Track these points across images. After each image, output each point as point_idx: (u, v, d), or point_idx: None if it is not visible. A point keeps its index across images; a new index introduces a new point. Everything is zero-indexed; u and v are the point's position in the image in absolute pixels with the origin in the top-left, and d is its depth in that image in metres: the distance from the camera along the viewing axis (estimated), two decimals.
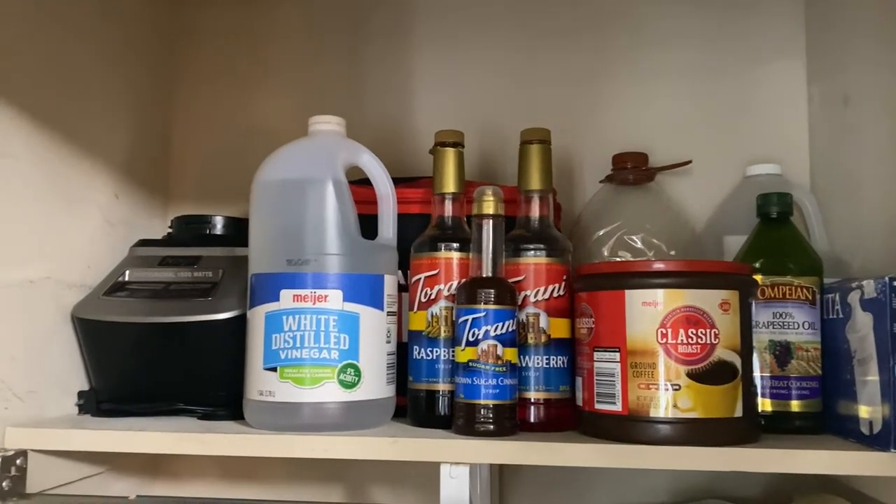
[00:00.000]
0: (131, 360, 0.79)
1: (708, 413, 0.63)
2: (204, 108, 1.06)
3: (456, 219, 0.77)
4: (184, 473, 1.00)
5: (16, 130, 0.73)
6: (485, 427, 0.67)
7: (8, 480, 0.68)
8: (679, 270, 0.65)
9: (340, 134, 0.76)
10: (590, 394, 0.68)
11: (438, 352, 0.73)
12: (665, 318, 0.64)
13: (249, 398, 0.71)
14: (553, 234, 0.75)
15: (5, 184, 0.71)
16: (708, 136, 0.95)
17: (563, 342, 0.73)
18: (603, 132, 0.97)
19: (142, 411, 0.78)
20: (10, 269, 0.72)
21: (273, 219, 0.72)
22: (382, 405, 0.72)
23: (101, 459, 0.82)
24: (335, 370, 0.69)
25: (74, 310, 0.79)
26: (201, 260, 0.83)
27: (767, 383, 0.72)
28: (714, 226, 0.88)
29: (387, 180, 0.77)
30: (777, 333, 0.72)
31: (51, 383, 0.78)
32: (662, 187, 0.89)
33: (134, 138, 0.96)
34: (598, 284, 0.68)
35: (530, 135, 0.76)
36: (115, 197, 0.90)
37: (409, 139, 1.01)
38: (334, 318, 0.69)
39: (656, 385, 0.64)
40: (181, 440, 0.68)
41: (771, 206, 0.76)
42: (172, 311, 0.77)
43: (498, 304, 0.68)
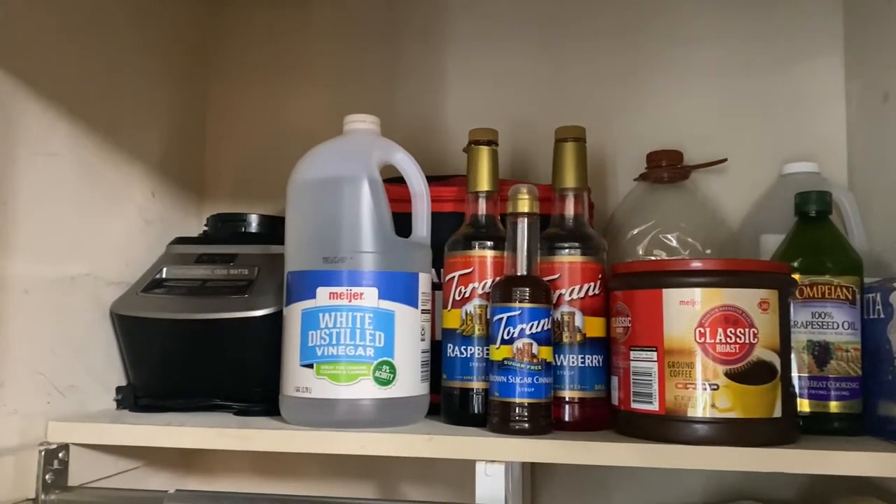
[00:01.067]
0: (168, 356, 0.80)
1: (747, 413, 0.63)
2: (238, 107, 1.07)
3: (490, 217, 0.77)
4: (217, 468, 1.01)
5: (58, 130, 0.74)
6: (520, 425, 0.67)
7: (51, 473, 0.69)
8: (717, 269, 0.65)
9: (375, 132, 0.77)
10: (626, 393, 0.68)
11: (472, 350, 0.73)
12: (703, 318, 0.63)
13: (286, 394, 0.71)
14: (588, 233, 0.75)
15: (49, 182, 0.73)
16: (743, 134, 0.94)
17: (598, 341, 0.72)
18: (636, 130, 0.97)
19: (178, 407, 0.79)
20: (52, 265, 0.73)
21: (309, 217, 0.73)
22: (417, 403, 0.73)
23: (137, 454, 0.84)
24: (371, 367, 0.69)
25: (113, 306, 0.81)
26: (237, 258, 0.83)
27: (806, 384, 0.71)
28: (750, 225, 0.87)
29: (421, 178, 0.77)
30: (816, 333, 0.71)
31: (90, 379, 0.79)
32: (697, 186, 0.89)
33: (169, 137, 0.97)
34: (635, 283, 0.68)
35: (565, 133, 0.76)
36: (151, 195, 0.92)
37: (441, 137, 1.01)
38: (370, 316, 0.70)
39: (694, 385, 0.63)
40: (221, 436, 0.68)
41: (810, 205, 0.75)
42: (209, 308, 0.78)
43: (533, 303, 0.68)
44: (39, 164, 0.71)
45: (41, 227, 0.72)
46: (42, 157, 0.72)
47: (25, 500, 0.68)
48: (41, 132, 0.72)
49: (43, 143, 0.72)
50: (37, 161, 0.71)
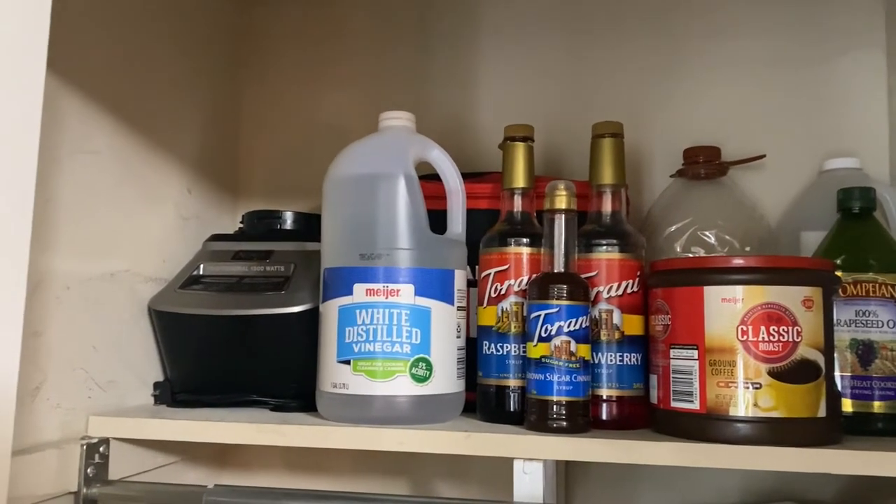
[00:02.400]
0: (206, 351, 0.80)
1: (790, 413, 0.62)
2: (271, 105, 1.08)
3: (525, 214, 0.76)
4: (250, 464, 1.02)
5: (99, 128, 0.75)
6: (558, 423, 0.67)
7: (92, 467, 0.70)
8: (760, 266, 0.64)
9: (410, 129, 0.77)
10: (665, 392, 0.67)
11: (508, 347, 0.73)
12: (745, 315, 0.63)
13: (323, 390, 0.72)
14: (626, 229, 0.74)
15: (90, 180, 0.73)
16: (782, 130, 0.93)
17: (636, 339, 0.72)
18: (673, 126, 0.95)
19: (215, 402, 0.79)
20: (92, 262, 0.74)
21: (346, 214, 0.73)
22: (453, 400, 0.73)
23: (174, 450, 0.84)
24: (407, 364, 0.69)
25: (151, 302, 0.81)
26: (273, 254, 0.84)
27: (848, 383, 0.70)
28: (790, 222, 0.86)
29: (456, 175, 0.77)
30: (860, 332, 0.70)
31: (129, 374, 0.80)
32: (735, 182, 0.87)
33: (205, 135, 0.98)
34: (675, 280, 0.67)
35: (602, 128, 0.75)
36: (187, 192, 0.92)
37: (474, 134, 1.01)
38: (406, 313, 0.70)
39: (736, 383, 0.62)
40: (260, 431, 0.69)
41: (853, 201, 0.74)
42: (246, 305, 0.78)
43: (571, 300, 0.68)
44: (80, 162, 0.72)
45: (82, 224, 0.72)
46: (83, 156, 0.73)
47: (67, 493, 0.69)
48: (82, 130, 0.72)
49: (84, 142, 0.73)
50: (78, 159, 0.72)
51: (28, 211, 0.46)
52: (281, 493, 0.67)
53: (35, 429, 0.66)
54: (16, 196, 0.46)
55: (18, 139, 0.46)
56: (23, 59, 0.46)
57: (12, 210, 0.45)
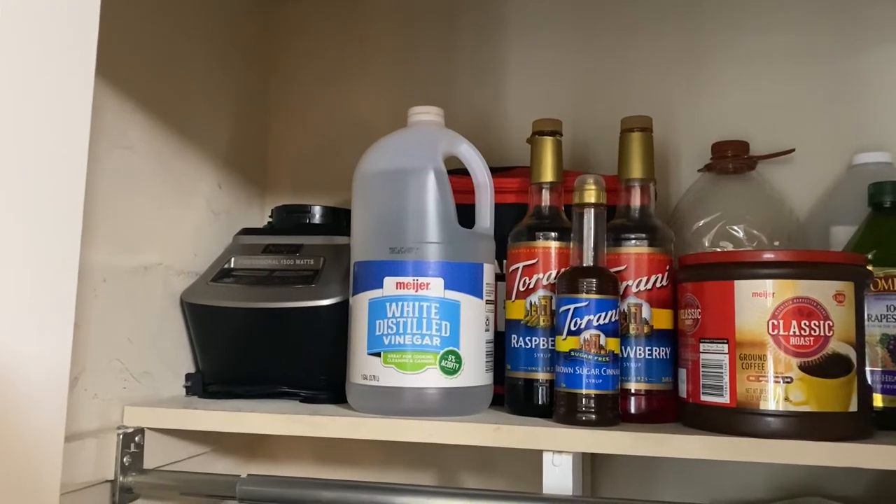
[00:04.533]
0: (237, 343, 0.82)
1: (822, 407, 0.62)
2: (298, 101, 1.08)
3: (553, 208, 0.76)
4: (279, 455, 1.03)
5: (134, 124, 0.76)
6: (587, 416, 0.67)
7: (128, 456, 0.71)
8: (791, 261, 0.64)
9: (439, 124, 0.77)
10: (695, 386, 0.67)
11: (537, 341, 0.73)
12: (776, 310, 0.63)
13: (353, 382, 0.72)
14: (655, 224, 0.74)
15: (125, 174, 0.75)
16: (812, 123, 0.92)
17: (665, 333, 0.72)
18: (700, 120, 0.95)
19: (246, 393, 0.80)
20: (127, 255, 0.75)
21: (375, 208, 0.74)
22: (481, 392, 0.73)
23: (206, 440, 0.86)
24: (437, 356, 0.70)
25: (184, 295, 0.83)
26: (302, 248, 0.85)
27: (879, 378, 0.70)
28: (819, 216, 0.85)
29: (485, 170, 0.77)
30: (891, 327, 0.69)
31: (162, 365, 0.81)
32: (764, 176, 0.87)
33: (235, 130, 0.99)
34: (705, 274, 0.67)
35: (631, 123, 0.76)
36: (218, 187, 0.94)
37: (501, 129, 1.01)
38: (436, 306, 0.70)
39: (766, 377, 0.62)
40: (291, 422, 0.70)
41: (884, 195, 0.73)
42: (277, 297, 0.79)
43: (600, 294, 0.68)
44: (115, 157, 0.74)
45: (117, 218, 0.74)
46: (118, 151, 0.74)
47: (105, 481, 0.70)
48: (118, 126, 0.74)
49: (119, 137, 0.74)
50: (113, 154, 0.73)
51: (79, 209, 0.48)
52: (312, 483, 0.68)
53: (74, 418, 0.67)
54: (68, 195, 0.47)
55: (70, 139, 0.47)
56: (75, 61, 0.48)
57: (66, 209, 0.47)
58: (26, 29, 0.44)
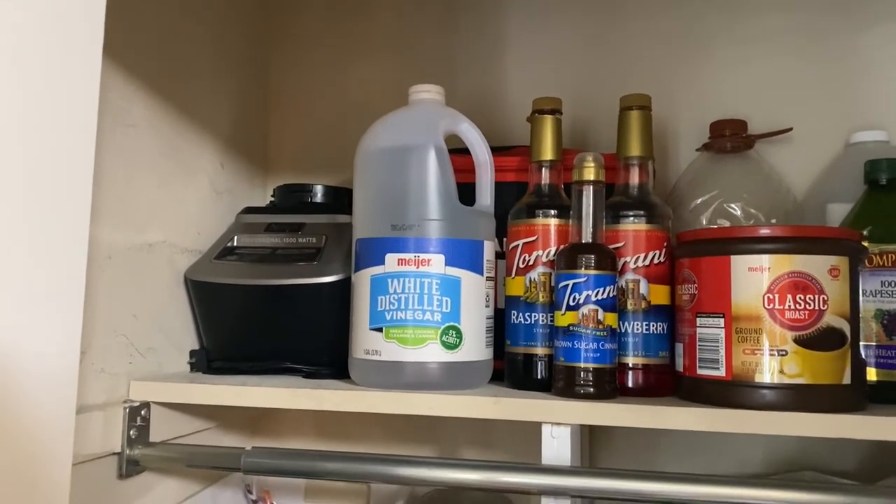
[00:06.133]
0: (240, 320, 0.83)
1: (816, 379, 0.63)
2: (300, 82, 1.09)
3: (553, 186, 0.77)
4: (283, 432, 1.04)
5: (138, 102, 0.77)
6: (585, 389, 0.68)
7: (135, 429, 0.73)
8: (787, 236, 0.65)
9: (440, 102, 0.78)
10: (691, 360, 0.68)
11: (536, 316, 0.74)
12: (772, 284, 0.64)
13: (355, 357, 0.74)
14: (653, 201, 0.75)
15: (129, 152, 0.75)
16: (809, 103, 0.93)
17: (662, 308, 0.73)
18: (699, 100, 0.96)
19: (250, 369, 0.82)
20: (132, 232, 0.76)
21: (377, 185, 0.75)
22: (481, 367, 0.74)
23: (210, 415, 0.87)
24: (438, 331, 0.71)
25: (188, 272, 0.84)
26: (305, 227, 0.86)
27: (873, 353, 0.71)
28: (816, 194, 0.86)
29: (485, 148, 0.78)
30: (885, 302, 0.71)
31: (167, 342, 0.82)
32: (762, 155, 0.88)
33: (237, 110, 0.99)
34: (702, 250, 0.68)
35: (631, 101, 0.76)
36: (220, 167, 0.94)
37: (501, 109, 1.01)
38: (437, 282, 0.71)
39: (762, 350, 0.64)
40: (294, 395, 0.71)
41: (880, 172, 0.74)
42: (280, 275, 0.80)
43: (599, 270, 0.69)
44: (120, 135, 0.74)
45: (122, 196, 0.75)
46: (122, 128, 0.74)
47: (112, 453, 0.71)
48: (121, 104, 0.74)
49: (123, 115, 0.75)
50: (118, 132, 0.74)
51: (87, 185, 0.48)
52: (315, 455, 0.69)
53: (81, 392, 0.67)
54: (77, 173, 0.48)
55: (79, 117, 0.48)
56: (83, 40, 0.48)
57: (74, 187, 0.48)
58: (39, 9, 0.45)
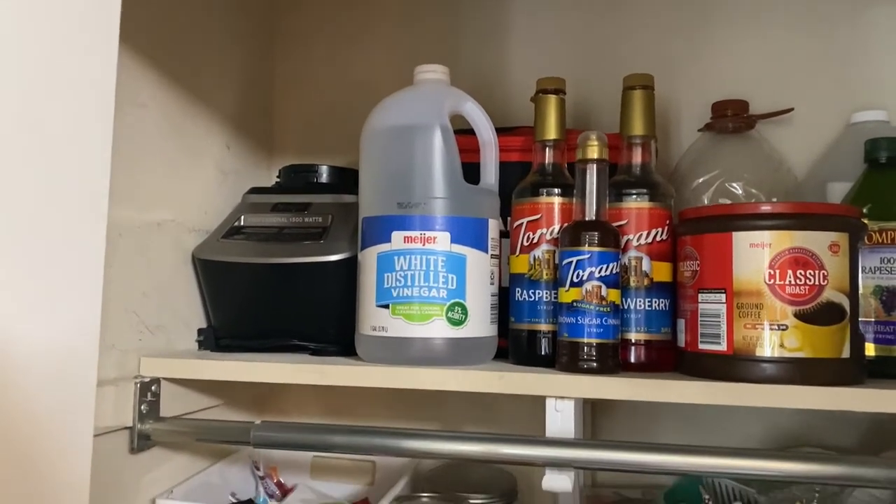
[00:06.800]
0: (248, 298, 0.84)
1: (815, 353, 0.64)
2: (305, 65, 1.10)
3: (557, 165, 0.78)
4: (288, 409, 1.06)
5: (146, 83, 0.78)
6: (588, 364, 0.69)
7: (146, 405, 0.74)
8: (788, 212, 0.66)
9: (445, 82, 0.79)
10: (693, 335, 0.70)
11: (540, 293, 0.75)
12: (773, 260, 0.65)
13: (362, 333, 0.75)
14: (656, 179, 0.76)
15: (138, 131, 0.76)
16: (811, 83, 0.93)
17: (664, 285, 0.74)
18: (700, 81, 0.96)
19: (257, 347, 0.83)
20: (141, 211, 0.77)
21: (383, 164, 0.76)
22: (486, 343, 0.75)
23: (218, 393, 0.88)
24: (443, 308, 0.72)
25: (195, 251, 0.85)
26: (311, 206, 0.86)
27: (872, 328, 0.72)
28: (817, 174, 0.87)
29: (489, 127, 0.79)
30: (884, 279, 0.72)
31: (175, 320, 0.83)
32: (763, 136, 0.88)
33: (242, 93, 1.00)
34: (704, 227, 0.69)
35: (634, 80, 0.77)
36: (226, 148, 0.95)
37: (504, 90, 1.02)
38: (442, 259, 0.73)
39: (762, 325, 0.65)
40: (301, 371, 0.72)
41: (880, 151, 0.75)
42: (287, 253, 0.81)
43: (602, 247, 0.70)
44: (129, 114, 0.75)
45: (131, 174, 0.76)
46: (132, 108, 0.75)
47: (124, 427, 0.73)
48: (130, 83, 0.75)
49: (132, 95, 0.75)
50: (127, 111, 0.75)
51: (106, 166, 0.50)
52: (323, 428, 0.70)
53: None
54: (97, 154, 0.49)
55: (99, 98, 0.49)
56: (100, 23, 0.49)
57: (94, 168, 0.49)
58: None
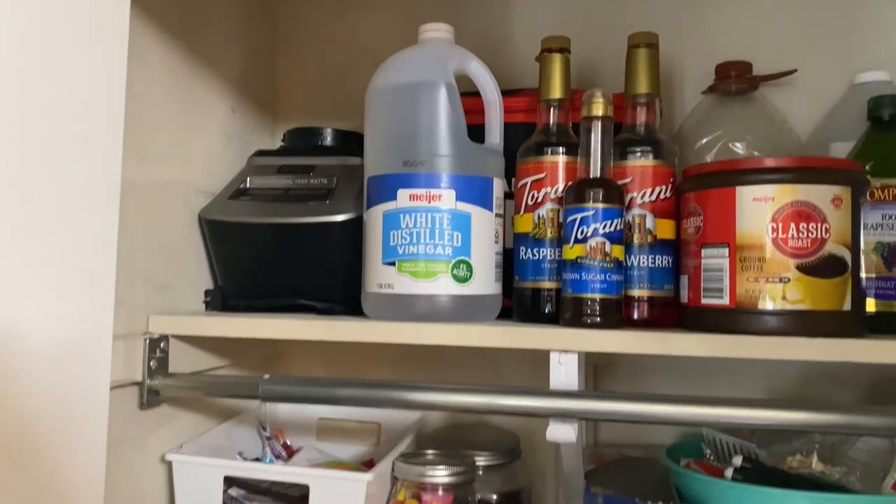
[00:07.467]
0: (255, 258, 0.84)
1: (817, 305, 0.65)
2: (308, 28, 1.09)
3: (561, 125, 0.78)
4: (293, 372, 1.06)
5: (154, 42, 0.78)
6: (592, 319, 0.70)
7: (154, 361, 0.75)
8: (791, 166, 0.66)
9: (450, 41, 0.79)
10: (696, 291, 0.70)
11: (544, 252, 0.76)
12: (776, 213, 0.65)
13: (368, 291, 0.75)
14: (660, 137, 0.76)
15: (145, 90, 0.76)
16: (814, 45, 0.93)
17: (668, 243, 0.75)
18: (704, 43, 0.96)
19: (264, 307, 0.84)
20: (149, 169, 0.78)
21: (389, 122, 0.76)
22: (491, 301, 0.76)
23: (225, 353, 0.89)
24: (449, 265, 0.73)
25: (202, 212, 0.85)
26: (316, 168, 0.87)
27: (873, 284, 0.73)
28: (820, 135, 0.87)
29: (494, 87, 0.79)
30: (886, 235, 0.72)
31: (183, 280, 0.84)
32: (766, 97, 0.89)
33: (246, 57, 1.00)
34: (708, 183, 0.69)
35: (638, 39, 0.77)
36: (231, 111, 0.95)
37: (507, 53, 1.02)
38: (448, 217, 0.73)
39: (765, 278, 0.65)
40: (310, 327, 0.73)
41: (883, 109, 0.75)
42: (293, 213, 0.82)
43: (606, 203, 0.70)
44: (136, 72, 0.75)
45: (138, 132, 0.76)
46: (139, 66, 0.75)
47: (133, 382, 0.74)
48: (136, 41, 0.75)
49: (139, 53, 0.75)
50: (134, 69, 0.74)
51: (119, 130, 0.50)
52: (330, 382, 0.71)
53: None
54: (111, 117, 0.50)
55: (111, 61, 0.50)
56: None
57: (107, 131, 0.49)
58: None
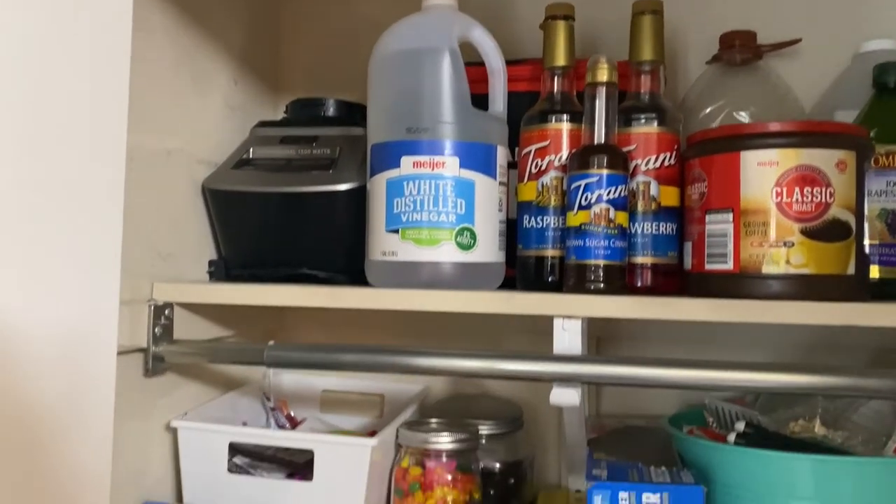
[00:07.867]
0: (258, 228, 0.84)
1: (820, 269, 0.65)
2: (310, 1, 1.09)
3: (565, 93, 0.78)
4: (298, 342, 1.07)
5: (157, 10, 0.78)
6: (595, 285, 0.70)
7: (159, 327, 0.75)
8: (796, 130, 0.66)
9: (453, 8, 0.78)
10: (699, 257, 0.70)
11: (548, 220, 0.76)
12: (780, 178, 0.65)
13: (372, 259, 0.76)
14: (664, 104, 0.76)
15: (148, 57, 0.76)
16: (819, 14, 0.93)
17: (672, 210, 0.75)
18: (708, 12, 0.96)
19: (267, 276, 0.83)
20: (152, 137, 0.78)
21: (392, 89, 0.76)
22: (494, 269, 0.76)
23: (228, 322, 0.89)
24: (452, 232, 0.73)
25: (206, 182, 0.85)
26: (318, 139, 0.87)
27: (877, 251, 0.72)
28: (825, 105, 0.87)
29: (498, 55, 0.79)
30: (890, 202, 0.72)
31: (186, 249, 0.84)
32: (771, 67, 0.88)
33: (249, 29, 1.00)
34: (713, 148, 0.69)
35: (643, 6, 0.77)
36: (234, 83, 0.95)
37: (510, 23, 1.01)
38: (451, 184, 0.73)
39: (769, 242, 0.65)
40: (314, 294, 0.73)
41: (888, 76, 0.75)
42: (297, 182, 0.82)
43: (610, 169, 0.70)
44: (139, 39, 0.74)
45: (142, 99, 0.75)
46: (142, 34, 0.75)
47: (138, 349, 0.74)
48: (140, 10, 0.74)
49: (142, 20, 0.75)
50: (137, 36, 0.74)
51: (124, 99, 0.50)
52: (334, 348, 0.72)
53: None
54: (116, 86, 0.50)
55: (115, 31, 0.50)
56: None
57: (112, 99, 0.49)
58: None
